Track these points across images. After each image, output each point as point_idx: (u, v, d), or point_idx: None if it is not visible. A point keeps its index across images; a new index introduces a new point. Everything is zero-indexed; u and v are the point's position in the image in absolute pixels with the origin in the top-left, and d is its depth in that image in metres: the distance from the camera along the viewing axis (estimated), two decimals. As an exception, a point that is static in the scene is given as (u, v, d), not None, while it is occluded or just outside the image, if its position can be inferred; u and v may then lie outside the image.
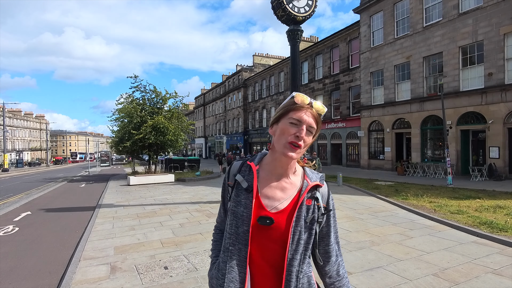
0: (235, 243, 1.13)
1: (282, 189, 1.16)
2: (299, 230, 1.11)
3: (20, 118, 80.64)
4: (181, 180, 16.85)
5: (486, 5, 14.20)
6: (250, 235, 1.12)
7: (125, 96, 18.23)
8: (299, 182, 1.18)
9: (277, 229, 1.11)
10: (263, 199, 1.15)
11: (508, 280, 3.77)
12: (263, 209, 1.13)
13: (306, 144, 1.10)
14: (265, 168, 1.20)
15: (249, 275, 1.13)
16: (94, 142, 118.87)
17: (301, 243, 1.11)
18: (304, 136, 1.09)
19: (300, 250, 1.11)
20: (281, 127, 1.12)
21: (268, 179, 1.18)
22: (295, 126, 1.10)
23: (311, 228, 1.14)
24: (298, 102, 1.11)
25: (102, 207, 9.39)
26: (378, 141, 20.69)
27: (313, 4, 8.52)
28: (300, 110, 1.10)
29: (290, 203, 1.14)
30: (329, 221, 1.21)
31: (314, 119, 1.11)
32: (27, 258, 5.19)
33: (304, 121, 1.09)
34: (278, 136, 1.12)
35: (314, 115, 1.12)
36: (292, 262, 1.10)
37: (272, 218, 1.11)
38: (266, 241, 1.12)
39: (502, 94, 13.63)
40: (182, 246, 5.40)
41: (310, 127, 1.10)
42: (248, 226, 1.11)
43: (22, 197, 13.26)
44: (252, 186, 1.15)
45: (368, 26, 20.72)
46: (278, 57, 43.36)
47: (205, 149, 56.77)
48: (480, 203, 8.33)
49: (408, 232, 5.99)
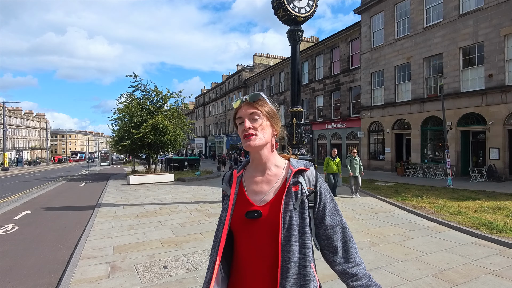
0: (214, 245, 1.20)
1: (267, 182, 1.21)
2: (289, 216, 1.12)
3: (20, 117, 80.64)
4: (181, 179, 16.86)
5: (486, 6, 14.20)
6: (236, 235, 1.19)
7: (126, 96, 18.23)
8: (283, 172, 1.22)
9: (267, 220, 1.14)
10: (250, 196, 1.20)
11: (508, 282, 3.77)
12: (251, 204, 1.18)
13: (260, 128, 1.18)
14: (248, 170, 1.28)
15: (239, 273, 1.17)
16: (94, 141, 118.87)
17: (293, 228, 1.10)
18: (249, 125, 1.16)
19: (294, 236, 1.10)
20: (238, 131, 1.22)
21: (252, 177, 1.24)
22: (242, 123, 1.19)
23: (302, 212, 1.14)
24: (234, 106, 1.25)
25: (101, 207, 9.40)
26: (378, 142, 20.70)
27: (313, 4, 8.52)
28: (238, 110, 1.22)
29: (278, 192, 1.17)
30: (323, 203, 1.19)
31: (252, 108, 1.19)
32: (27, 257, 5.20)
33: (243, 115, 1.19)
34: (241, 139, 1.22)
35: (251, 105, 1.20)
36: (287, 248, 1.08)
37: (260, 210, 1.15)
38: (257, 235, 1.14)
39: (503, 96, 13.63)
40: (181, 245, 5.40)
41: (251, 114, 1.18)
42: (223, 230, 1.17)
43: (22, 196, 13.26)
44: (230, 193, 1.24)
45: (368, 27, 20.72)
46: (279, 57, 43.34)
47: (205, 148, 56.77)
48: (480, 204, 8.33)
49: (408, 233, 5.99)
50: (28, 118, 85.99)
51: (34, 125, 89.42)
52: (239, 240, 1.19)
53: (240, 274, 1.18)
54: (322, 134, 26.02)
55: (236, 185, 1.24)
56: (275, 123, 1.23)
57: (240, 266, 1.18)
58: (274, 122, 1.22)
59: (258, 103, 1.20)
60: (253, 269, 1.14)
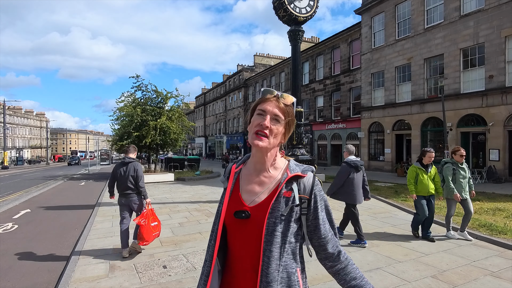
0: (211, 238, 1.21)
1: (261, 183, 1.19)
2: (273, 222, 1.10)
3: (20, 115, 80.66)
4: (180, 179, 16.85)
5: (487, 8, 14.20)
6: (228, 231, 1.19)
7: (126, 95, 18.22)
8: (279, 175, 1.20)
9: (254, 222, 1.13)
10: (243, 194, 1.20)
11: (507, 283, 3.77)
12: (242, 204, 1.17)
13: (274, 133, 1.15)
14: (247, 166, 1.26)
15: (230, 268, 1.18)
16: (94, 140, 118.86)
17: (276, 235, 1.09)
18: (268, 124, 1.13)
19: (276, 242, 1.09)
20: (251, 120, 1.18)
21: (249, 175, 1.23)
22: (261, 116, 1.15)
23: (289, 220, 1.12)
24: (264, 95, 1.19)
25: (101, 206, 9.39)
26: (378, 143, 20.69)
27: (314, 5, 8.53)
28: (265, 102, 1.17)
29: (269, 196, 1.16)
30: (316, 213, 1.17)
31: (279, 109, 1.16)
32: (26, 256, 5.20)
33: (268, 111, 1.15)
34: (249, 128, 1.19)
35: (280, 105, 1.16)
36: (268, 254, 1.09)
37: (248, 211, 1.14)
38: (245, 235, 1.15)
39: (503, 97, 13.63)
40: (181, 245, 5.40)
41: (276, 115, 1.15)
42: (218, 224, 1.18)
43: (21, 195, 13.25)
44: (227, 186, 1.25)
45: (369, 27, 20.73)
46: (279, 58, 43.32)
47: (205, 148, 56.78)
48: (480, 205, 8.33)
49: (407, 233, 5.98)
50: (28, 117, 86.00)
51: (34, 124, 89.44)
52: (230, 235, 1.19)
53: (231, 269, 1.19)
54: (322, 135, 26.02)
55: (233, 181, 1.24)
56: (288, 132, 1.21)
57: (232, 261, 1.19)
58: (288, 131, 1.21)
59: (286, 108, 1.18)
60: (242, 267, 1.16)
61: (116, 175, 5.09)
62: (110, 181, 5.36)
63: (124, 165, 5.10)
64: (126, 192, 5.03)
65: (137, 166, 5.15)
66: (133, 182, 5.02)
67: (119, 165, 5.17)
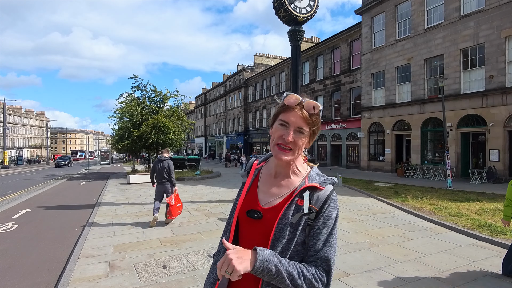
0: (226, 230, 1.23)
1: (279, 187, 1.18)
2: (281, 228, 1.09)
3: (20, 115, 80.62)
4: (180, 179, 16.82)
5: (487, 8, 14.20)
6: (240, 226, 1.19)
7: (125, 95, 18.28)
8: (298, 182, 1.17)
9: (265, 223, 1.13)
10: (259, 194, 1.19)
11: (507, 283, 3.78)
12: (256, 203, 1.17)
13: (298, 145, 1.10)
14: (268, 166, 1.24)
15: None
16: (94, 140, 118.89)
17: (281, 241, 1.08)
18: (291, 138, 1.08)
19: (279, 248, 1.07)
20: (273, 129, 1.14)
21: (268, 175, 1.22)
22: (284, 127, 1.10)
23: (296, 228, 1.09)
24: (287, 103, 1.10)
25: (101, 205, 9.40)
26: (378, 143, 20.69)
27: (314, 5, 8.53)
28: (288, 112, 1.10)
29: (283, 200, 1.15)
30: (319, 228, 1.10)
31: (303, 120, 1.09)
32: (26, 256, 5.19)
33: (291, 123, 1.09)
34: (271, 137, 1.15)
35: (304, 116, 1.09)
36: None
37: (261, 212, 1.14)
38: (255, 234, 1.15)
39: (503, 97, 13.62)
40: (181, 245, 5.40)
41: (300, 128, 1.09)
42: (233, 217, 1.19)
43: (21, 194, 13.26)
44: (246, 180, 1.24)
45: (369, 28, 20.72)
46: (279, 58, 43.30)
47: (205, 148, 56.76)
48: (480, 205, 8.33)
49: (407, 234, 5.99)
50: (28, 117, 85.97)
51: (34, 124, 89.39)
52: (241, 231, 1.20)
53: None
54: (322, 135, 26.00)
55: (253, 177, 1.23)
56: (312, 138, 1.15)
57: None
58: (312, 137, 1.15)
59: (312, 118, 1.10)
60: None
61: (155, 169, 7.01)
62: (152, 174, 7.14)
63: (160, 162, 7.04)
64: (161, 181, 6.95)
65: (170, 162, 7.11)
66: (167, 174, 6.94)
67: (157, 162, 7.11)
